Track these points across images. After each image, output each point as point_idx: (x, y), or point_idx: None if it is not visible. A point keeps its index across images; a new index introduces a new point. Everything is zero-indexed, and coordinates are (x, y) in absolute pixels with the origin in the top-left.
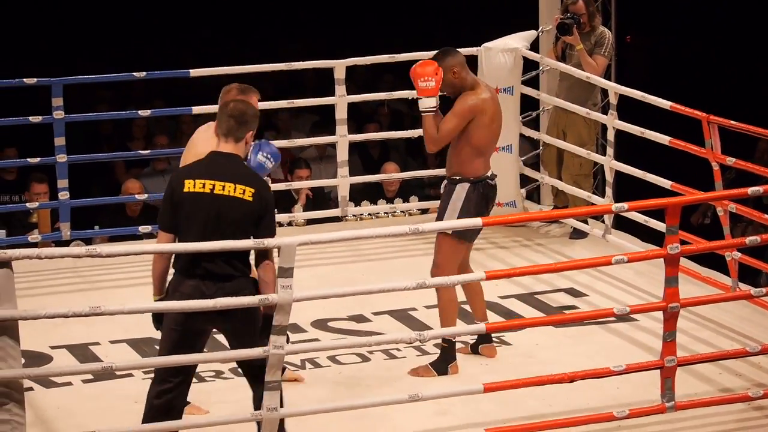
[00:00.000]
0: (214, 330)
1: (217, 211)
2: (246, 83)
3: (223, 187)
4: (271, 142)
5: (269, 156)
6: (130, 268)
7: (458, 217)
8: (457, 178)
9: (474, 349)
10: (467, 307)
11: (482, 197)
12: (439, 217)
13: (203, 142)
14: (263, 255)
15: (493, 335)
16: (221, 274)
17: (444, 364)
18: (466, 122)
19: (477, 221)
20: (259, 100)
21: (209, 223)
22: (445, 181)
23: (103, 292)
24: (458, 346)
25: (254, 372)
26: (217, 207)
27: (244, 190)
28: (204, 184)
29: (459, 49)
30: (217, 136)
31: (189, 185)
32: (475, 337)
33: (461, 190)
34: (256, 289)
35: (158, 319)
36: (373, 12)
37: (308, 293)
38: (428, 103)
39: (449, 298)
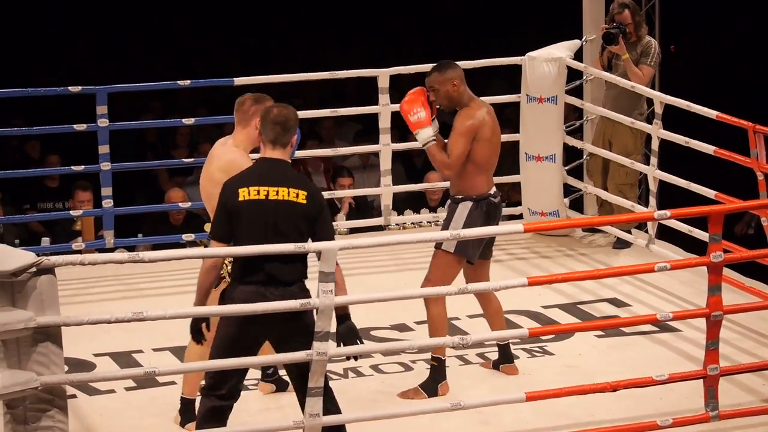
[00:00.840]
0: None
1: (275, 216)
2: (289, 91)
3: (277, 192)
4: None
5: None
6: (173, 277)
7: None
8: (460, 197)
9: (495, 366)
10: (511, 317)
11: (485, 215)
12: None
13: (226, 154)
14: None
15: (534, 345)
16: (283, 279)
17: (434, 383)
18: (471, 140)
19: (518, 227)
20: (303, 108)
21: (268, 229)
22: (449, 201)
23: (146, 300)
24: (480, 361)
25: (303, 376)
26: (275, 212)
27: (297, 194)
28: (258, 191)
29: (505, 59)
30: (263, 144)
31: (243, 193)
32: (497, 353)
33: (463, 209)
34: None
35: (199, 331)
36: (417, 21)
37: (348, 298)
38: (425, 135)
39: (437, 313)
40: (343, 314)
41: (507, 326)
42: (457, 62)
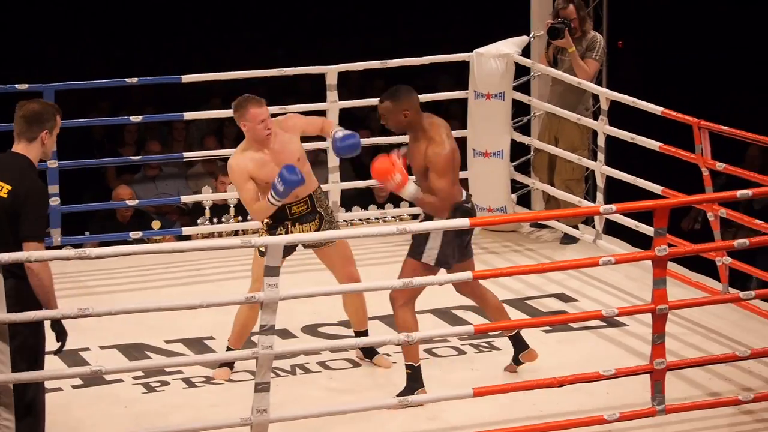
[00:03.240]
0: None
1: None
2: (238, 89)
3: (1, 187)
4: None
5: (279, 180)
6: (120, 274)
7: (441, 246)
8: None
9: (516, 362)
10: (458, 313)
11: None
12: (417, 249)
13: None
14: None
15: (482, 341)
16: None
17: (411, 392)
18: (451, 171)
19: (465, 222)
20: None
21: None
22: (422, 215)
23: (93, 297)
24: (427, 357)
25: None
26: None
27: (2, 187)
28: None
29: (452, 55)
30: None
31: None
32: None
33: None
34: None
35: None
36: (365, 18)
37: (293, 292)
38: (410, 191)
39: (404, 318)
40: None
41: (452, 322)
42: (406, 59)
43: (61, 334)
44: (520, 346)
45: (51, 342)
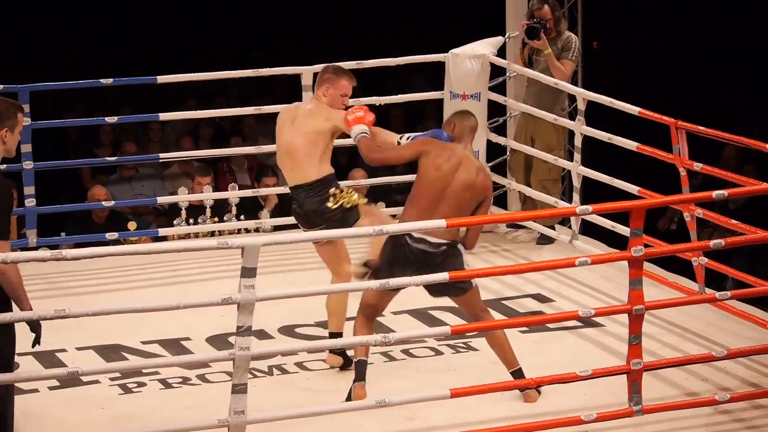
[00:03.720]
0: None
1: None
2: (213, 89)
3: None
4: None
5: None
6: (96, 275)
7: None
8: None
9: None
10: (435, 313)
11: (392, 248)
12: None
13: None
14: None
15: (459, 341)
16: None
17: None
18: (413, 156)
19: (441, 223)
20: (227, 106)
21: None
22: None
23: (69, 299)
24: (404, 357)
25: None
26: None
27: None
28: None
29: (427, 56)
30: None
31: None
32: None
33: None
34: None
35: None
36: (340, 19)
37: (270, 293)
38: (360, 129)
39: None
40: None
41: (430, 323)
42: (381, 59)
43: (35, 328)
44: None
45: (21, 343)
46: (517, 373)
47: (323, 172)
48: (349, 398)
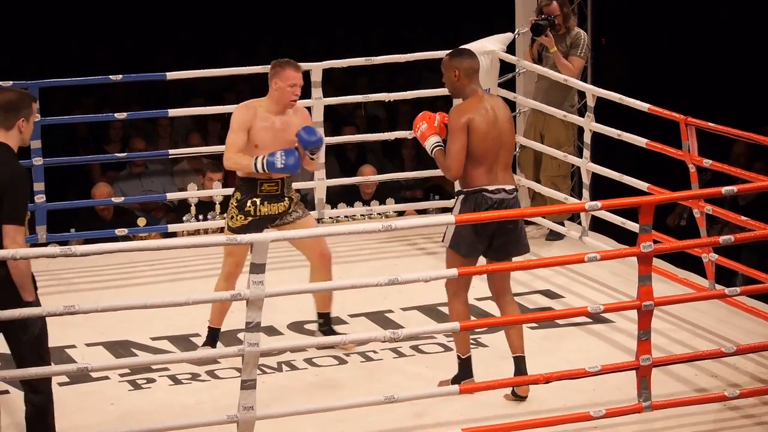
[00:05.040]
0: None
1: None
2: (223, 85)
3: None
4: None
5: (282, 157)
6: (105, 271)
7: (453, 232)
8: (457, 190)
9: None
10: (444, 309)
11: (476, 209)
12: (443, 235)
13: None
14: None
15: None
16: None
17: (457, 382)
18: (465, 136)
19: (450, 218)
20: (236, 102)
21: None
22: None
23: (78, 295)
24: (413, 354)
25: None
26: None
27: None
28: None
29: (437, 52)
30: None
31: None
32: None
33: (457, 203)
34: None
35: None
36: (350, 15)
37: (278, 289)
38: (430, 142)
39: (454, 309)
40: None
41: (439, 319)
42: (390, 56)
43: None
44: (466, 373)
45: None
46: (519, 360)
47: (239, 171)
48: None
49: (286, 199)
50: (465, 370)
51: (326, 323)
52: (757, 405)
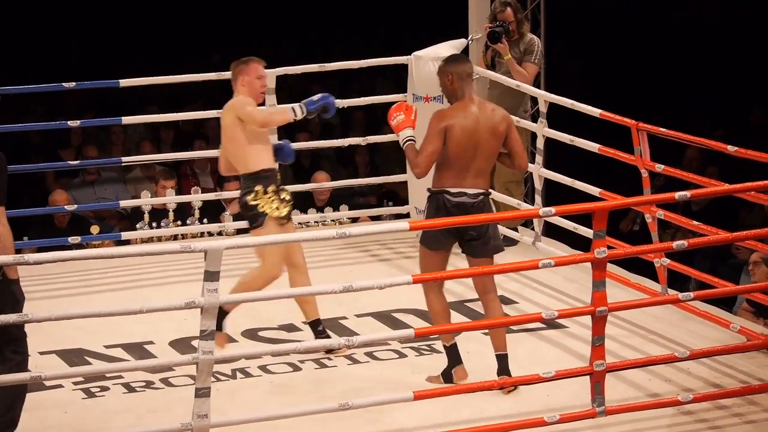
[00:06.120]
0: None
1: None
2: (178, 93)
3: None
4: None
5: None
6: (59, 279)
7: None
8: (427, 188)
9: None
10: (399, 316)
11: (436, 210)
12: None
13: None
14: None
15: (422, 344)
16: None
17: (449, 370)
18: (441, 140)
19: (404, 225)
20: (192, 110)
21: None
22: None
23: (33, 303)
24: (368, 360)
25: None
26: None
27: None
28: None
29: (390, 58)
30: None
31: None
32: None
33: (426, 201)
34: None
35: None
36: (302, 22)
37: (233, 296)
38: (404, 135)
39: (432, 303)
40: None
41: (393, 326)
42: (344, 62)
43: None
44: (454, 360)
45: None
46: (502, 358)
47: (250, 167)
48: (451, 381)
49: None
50: (453, 358)
51: (324, 329)
52: (711, 410)
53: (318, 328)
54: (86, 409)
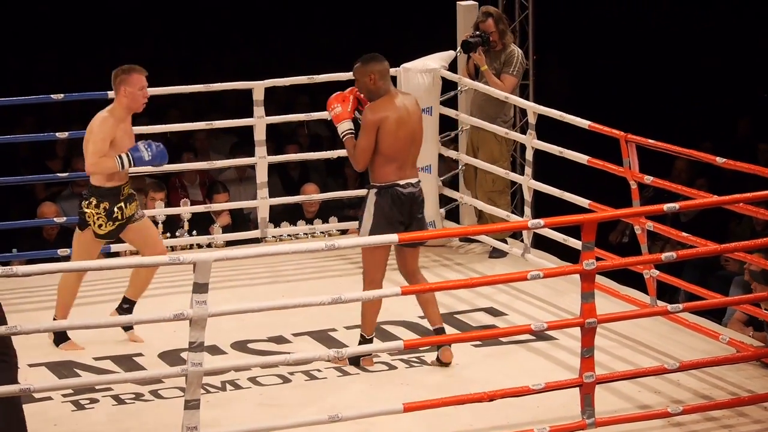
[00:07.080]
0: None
1: None
2: (165, 103)
3: None
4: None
5: (147, 148)
6: (48, 291)
7: (372, 222)
8: (368, 185)
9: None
10: (388, 328)
11: (392, 202)
12: (359, 225)
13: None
14: None
15: (412, 356)
16: None
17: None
18: (375, 134)
19: (393, 238)
20: (179, 121)
21: None
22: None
23: (22, 315)
24: (358, 372)
25: None
26: None
27: None
28: None
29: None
30: None
31: None
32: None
33: (371, 196)
34: None
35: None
36: (292, 32)
37: (222, 308)
38: (342, 128)
39: (366, 305)
40: None
41: (383, 338)
42: (332, 74)
43: None
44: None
45: None
46: (439, 331)
47: (98, 179)
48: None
49: (136, 196)
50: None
51: (130, 307)
52: (700, 421)
53: (126, 306)
54: (76, 422)
